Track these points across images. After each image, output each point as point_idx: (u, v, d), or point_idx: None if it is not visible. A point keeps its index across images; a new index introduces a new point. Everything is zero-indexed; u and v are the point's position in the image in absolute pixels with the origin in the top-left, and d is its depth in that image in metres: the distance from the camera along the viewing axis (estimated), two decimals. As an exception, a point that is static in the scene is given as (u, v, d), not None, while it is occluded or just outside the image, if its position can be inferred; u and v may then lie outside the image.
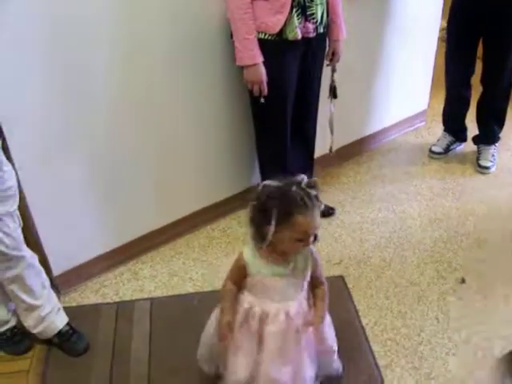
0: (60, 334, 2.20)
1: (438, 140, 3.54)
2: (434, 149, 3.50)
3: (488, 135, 3.41)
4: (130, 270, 2.63)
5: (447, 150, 3.50)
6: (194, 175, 2.74)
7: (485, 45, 3.14)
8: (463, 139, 3.56)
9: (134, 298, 2.47)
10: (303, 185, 1.55)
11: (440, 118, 3.55)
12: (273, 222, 1.52)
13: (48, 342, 2.23)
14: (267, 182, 1.59)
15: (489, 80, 3.22)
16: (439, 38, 3.57)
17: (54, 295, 2.20)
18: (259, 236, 1.58)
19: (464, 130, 3.53)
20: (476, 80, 3.28)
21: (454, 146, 3.54)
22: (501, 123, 3.39)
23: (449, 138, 3.51)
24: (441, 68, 3.38)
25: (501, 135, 3.42)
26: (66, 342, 2.20)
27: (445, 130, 3.55)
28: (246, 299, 1.73)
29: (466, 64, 3.24)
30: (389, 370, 2.13)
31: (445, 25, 3.32)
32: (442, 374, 2.11)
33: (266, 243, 1.57)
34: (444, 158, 3.47)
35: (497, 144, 3.43)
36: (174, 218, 2.75)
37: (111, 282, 2.56)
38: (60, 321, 2.20)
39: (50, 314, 2.15)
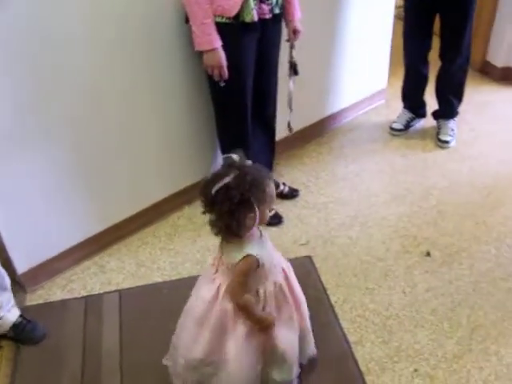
0: (14, 326, 2.18)
1: (398, 117, 3.57)
2: (395, 126, 3.53)
3: (447, 109, 3.46)
4: (97, 264, 2.60)
5: (407, 126, 3.54)
6: (157, 164, 2.71)
7: (441, 20, 3.18)
8: (422, 115, 3.61)
9: (102, 292, 2.45)
10: (243, 161, 1.61)
11: (399, 96, 3.58)
12: (256, 209, 1.56)
13: (3, 336, 2.21)
14: (218, 186, 1.54)
15: (447, 55, 3.26)
16: (395, 16, 3.60)
17: (11, 295, 2.18)
18: (243, 226, 1.58)
19: (423, 105, 3.58)
20: (434, 56, 3.32)
21: (414, 122, 3.58)
22: (459, 97, 3.44)
23: (408, 115, 3.55)
24: (398, 46, 3.41)
25: (459, 109, 3.47)
26: (22, 333, 2.19)
27: (404, 107, 3.59)
28: (264, 289, 1.73)
29: (423, 40, 3.29)
30: (359, 346, 2.16)
31: (400, 3, 3.34)
32: (411, 346, 2.16)
33: (253, 227, 1.60)
34: (404, 134, 3.51)
35: (456, 118, 3.48)
36: (139, 208, 2.73)
37: (78, 277, 2.53)
38: (12, 315, 2.19)
39: (6, 314, 2.14)
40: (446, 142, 3.40)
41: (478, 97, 3.94)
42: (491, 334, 2.20)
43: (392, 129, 3.52)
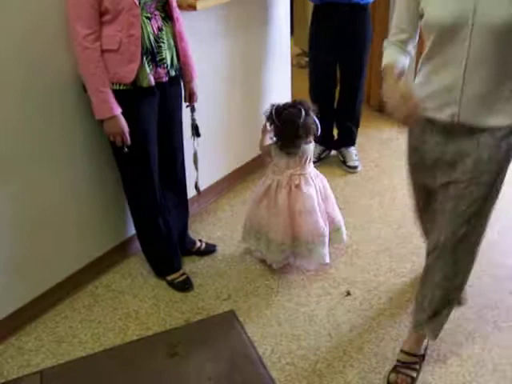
0: None
1: None
2: None
3: (347, 137, 3.81)
4: (13, 346, 2.46)
5: (319, 158, 3.81)
6: (70, 235, 2.64)
7: (341, 70, 3.60)
8: (332, 147, 3.91)
9: (21, 375, 2.32)
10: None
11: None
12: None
13: None
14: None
15: (345, 85, 3.67)
16: (295, 65, 3.78)
17: None
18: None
19: (332, 139, 3.88)
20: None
21: (325, 153, 3.88)
22: (357, 124, 3.78)
23: (319, 148, 3.82)
24: (300, 91, 3.57)
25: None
26: None
27: (315, 141, 3.81)
28: None
29: (330, 76, 3.63)
30: (291, 395, 2.15)
31: (297, 51, 3.56)
32: (343, 387, 2.18)
33: None
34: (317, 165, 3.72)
35: (355, 146, 3.81)
36: (54, 282, 2.63)
37: (-7, 363, 2.39)
38: None
39: None
40: (355, 167, 3.72)
41: (379, 134, 4.15)
42: (416, 364, 2.25)
43: None
